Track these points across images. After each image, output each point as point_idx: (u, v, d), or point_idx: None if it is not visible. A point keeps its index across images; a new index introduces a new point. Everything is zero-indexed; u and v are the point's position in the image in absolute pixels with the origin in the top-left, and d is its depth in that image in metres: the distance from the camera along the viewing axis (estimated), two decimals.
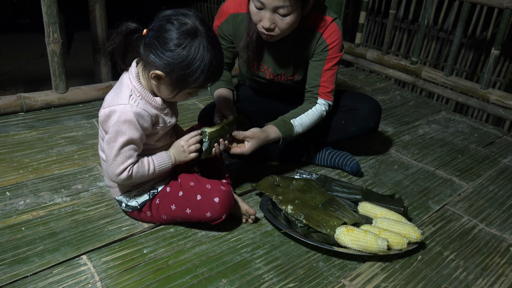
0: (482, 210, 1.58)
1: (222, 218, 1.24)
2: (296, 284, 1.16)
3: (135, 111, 1.12)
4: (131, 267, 1.16)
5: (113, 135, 1.11)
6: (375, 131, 1.74)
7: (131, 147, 1.13)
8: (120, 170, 1.13)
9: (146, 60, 1.11)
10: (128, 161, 1.14)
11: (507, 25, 2.28)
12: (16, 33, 4.71)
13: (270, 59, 1.59)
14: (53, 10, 1.85)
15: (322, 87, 1.57)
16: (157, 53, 1.07)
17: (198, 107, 2.17)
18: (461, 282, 1.24)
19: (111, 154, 1.12)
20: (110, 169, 1.14)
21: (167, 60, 1.07)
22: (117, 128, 1.11)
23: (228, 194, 1.25)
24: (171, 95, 1.15)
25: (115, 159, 1.13)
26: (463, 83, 2.55)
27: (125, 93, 1.13)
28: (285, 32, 1.40)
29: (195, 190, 1.24)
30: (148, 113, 1.15)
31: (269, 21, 1.35)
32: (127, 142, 1.12)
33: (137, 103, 1.13)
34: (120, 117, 1.10)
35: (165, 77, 1.10)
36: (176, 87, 1.12)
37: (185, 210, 1.24)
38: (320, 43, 1.54)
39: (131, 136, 1.12)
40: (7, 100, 1.90)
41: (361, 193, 1.54)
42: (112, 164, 1.13)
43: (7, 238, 1.22)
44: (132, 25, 1.12)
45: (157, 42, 1.07)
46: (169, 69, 1.08)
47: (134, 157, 1.15)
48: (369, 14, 3.55)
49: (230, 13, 1.53)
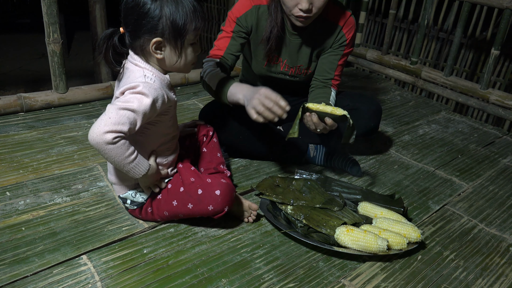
0: (482, 210, 1.58)
1: (224, 211, 1.23)
2: (296, 284, 1.16)
3: (152, 87, 1.11)
4: (131, 267, 1.16)
5: (123, 99, 1.09)
6: (375, 131, 1.75)
7: (130, 115, 1.07)
8: (108, 129, 1.05)
9: (140, 44, 1.12)
10: (119, 127, 1.06)
11: (507, 25, 2.28)
12: (16, 33, 4.71)
13: (288, 51, 1.60)
14: (53, 10, 1.85)
15: (334, 80, 1.64)
16: (142, 26, 1.09)
17: (198, 107, 2.17)
18: (461, 282, 1.24)
19: (109, 110, 1.06)
20: (99, 123, 1.05)
21: (152, 23, 1.08)
22: (130, 96, 1.09)
23: (229, 186, 1.25)
24: (179, 57, 1.15)
25: (109, 116, 1.06)
26: (463, 83, 2.55)
27: (139, 74, 1.14)
28: (319, 11, 1.43)
29: (196, 184, 1.24)
30: (164, 93, 1.15)
31: (307, 2, 1.37)
32: (131, 109, 1.08)
33: (153, 81, 1.14)
34: (137, 90, 1.09)
35: (163, 40, 1.11)
36: (176, 44, 1.12)
37: (187, 205, 1.24)
38: (340, 36, 1.59)
39: (138, 107, 1.08)
40: (7, 100, 1.90)
41: (361, 193, 1.54)
42: (103, 119, 1.05)
43: (7, 238, 1.22)
44: (108, 30, 1.14)
45: (135, 19, 1.09)
46: (160, 29, 1.09)
47: (126, 127, 1.07)
48: (369, 14, 3.56)
49: (253, 5, 1.54)
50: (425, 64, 3.27)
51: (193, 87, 2.43)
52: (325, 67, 1.62)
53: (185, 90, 2.37)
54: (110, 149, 1.07)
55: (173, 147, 1.31)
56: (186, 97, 2.28)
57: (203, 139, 1.49)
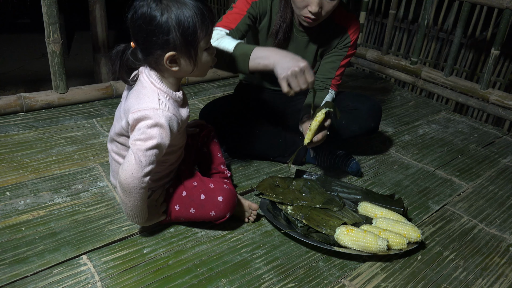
0: (482, 210, 1.58)
1: (226, 216, 1.24)
2: (296, 284, 1.16)
3: (166, 115, 1.10)
4: (131, 267, 1.16)
5: (143, 136, 1.08)
6: (375, 131, 1.75)
7: (156, 152, 1.10)
8: (145, 172, 1.09)
9: (154, 60, 1.10)
10: (151, 166, 1.10)
11: (507, 25, 2.28)
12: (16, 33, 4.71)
13: (294, 47, 1.60)
14: (53, 10, 1.85)
15: (335, 80, 1.64)
16: (153, 43, 1.06)
17: (198, 107, 2.17)
18: (461, 282, 1.24)
19: (138, 154, 1.08)
20: (133, 169, 1.08)
21: (163, 38, 1.05)
22: (149, 132, 1.08)
23: (232, 193, 1.25)
24: (195, 66, 1.12)
25: (140, 160, 1.08)
26: (463, 83, 2.55)
27: (152, 97, 1.11)
28: (327, 15, 1.44)
29: (198, 189, 1.24)
30: (177, 117, 1.14)
31: (318, 5, 1.37)
32: (156, 146, 1.09)
33: (167, 107, 1.12)
34: (153, 122, 1.08)
35: (177, 53, 1.08)
36: (190, 53, 1.09)
37: (189, 210, 1.24)
38: (344, 38, 1.60)
39: (160, 141, 1.09)
40: (7, 100, 1.90)
41: (361, 193, 1.54)
42: (137, 164, 1.08)
43: (7, 238, 1.22)
44: (120, 46, 1.12)
45: (145, 37, 1.06)
46: (172, 43, 1.06)
47: (155, 164, 1.11)
48: (369, 14, 3.56)
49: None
50: (425, 64, 3.27)
51: (193, 87, 2.43)
52: (327, 67, 1.63)
53: (185, 90, 2.36)
54: (142, 192, 1.11)
55: (178, 155, 1.31)
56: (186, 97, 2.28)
57: (204, 139, 1.49)
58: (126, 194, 1.11)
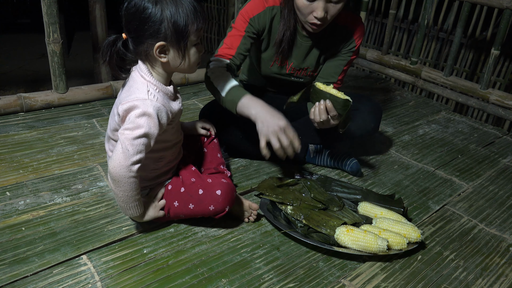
0: (482, 210, 1.58)
1: (225, 210, 1.24)
2: (296, 284, 1.16)
3: (154, 105, 1.12)
4: (131, 267, 1.16)
5: (131, 125, 1.10)
6: (375, 131, 1.74)
7: (144, 141, 1.11)
8: (132, 161, 1.10)
9: (144, 49, 1.12)
10: (139, 155, 1.11)
11: (507, 25, 2.28)
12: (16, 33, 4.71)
13: (296, 53, 1.60)
14: (53, 10, 1.85)
15: (337, 84, 1.64)
16: (145, 31, 1.09)
17: (198, 107, 2.17)
18: (461, 282, 1.24)
19: (125, 143, 1.09)
20: (120, 158, 1.09)
21: (154, 27, 1.08)
22: (137, 121, 1.10)
23: (230, 186, 1.25)
24: (183, 59, 1.14)
25: (127, 148, 1.09)
26: (463, 83, 2.55)
27: (142, 89, 1.13)
28: (332, 19, 1.44)
29: (197, 185, 1.25)
30: (166, 108, 1.15)
31: (323, 10, 1.37)
32: (143, 135, 1.10)
33: (156, 97, 1.14)
34: (141, 111, 1.10)
35: (166, 44, 1.10)
36: (180, 46, 1.12)
37: (188, 206, 1.24)
38: (350, 42, 1.59)
39: (148, 131, 1.11)
40: (7, 100, 1.90)
41: (361, 193, 1.54)
42: (124, 153, 1.09)
43: (7, 238, 1.22)
44: (111, 37, 1.14)
45: (137, 25, 1.09)
46: (163, 33, 1.09)
47: (143, 153, 1.12)
48: (369, 14, 3.56)
49: (267, 6, 1.52)
50: (425, 64, 3.27)
51: (193, 87, 2.43)
52: (330, 71, 1.62)
53: (185, 90, 2.36)
54: (131, 182, 1.12)
55: (176, 153, 1.31)
56: (186, 97, 2.28)
57: (204, 139, 1.49)
58: (115, 184, 1.12)
